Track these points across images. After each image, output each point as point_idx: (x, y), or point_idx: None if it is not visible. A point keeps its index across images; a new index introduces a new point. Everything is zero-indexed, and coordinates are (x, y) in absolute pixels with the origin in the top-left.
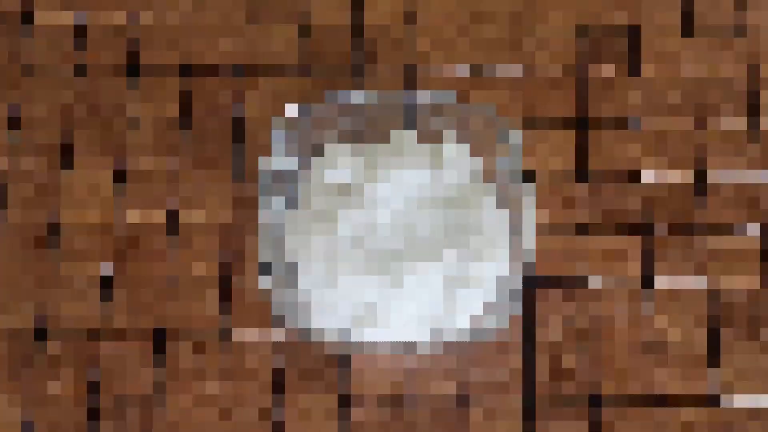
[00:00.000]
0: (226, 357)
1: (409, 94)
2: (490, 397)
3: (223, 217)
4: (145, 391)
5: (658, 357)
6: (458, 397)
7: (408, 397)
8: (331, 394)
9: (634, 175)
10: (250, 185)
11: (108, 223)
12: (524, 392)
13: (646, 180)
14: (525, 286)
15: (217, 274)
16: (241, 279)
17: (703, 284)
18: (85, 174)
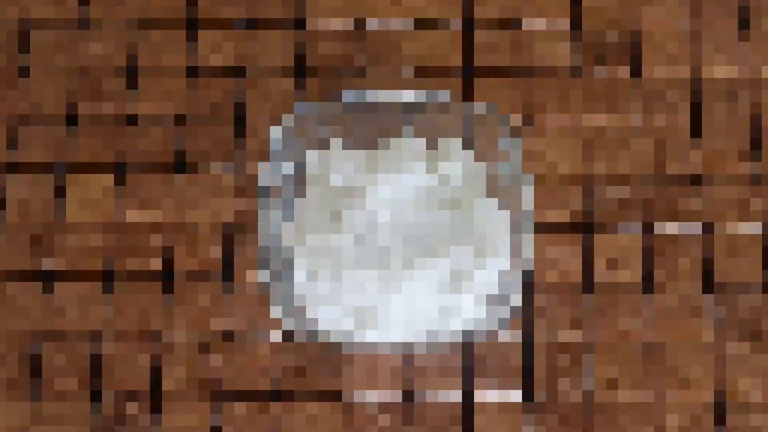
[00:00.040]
0: (226, 357)
1: (409, 94)
2: (491, 396)
3: (224, 217)
4: (144, 387)
5: (658, 357)
6: (458, 397)
7: (408, 397)
8: (331, 394)
9: (634, 175)
10: (251, 185)
11: (108, 222)
12: (524, 391)
13: (647, 179)
14: (524, 286)
15: (217, 274)
16: (241, 279)
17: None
18: (85, 172)
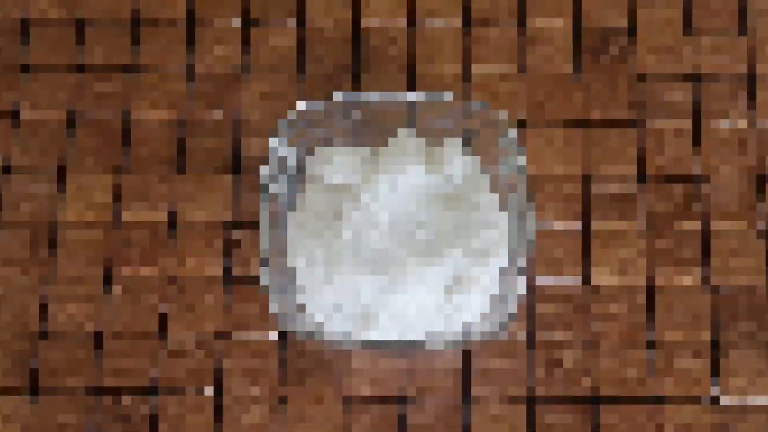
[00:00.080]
0: (225, 357)
1: (409, 94)
2: (491, 396)
3: (224, 217)
4: (144, 387)
5: (657, 356)
6: (458, 397)
7: (408, 397)
8: (331, 394)
9: (634, 175)
10: (251, 185)
11: (107, 222)
12: (524, 391)
13: (647, 179)
14: (525, 286)
15: (217, 275)
16: (241, 279)
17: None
18: (85, 172)
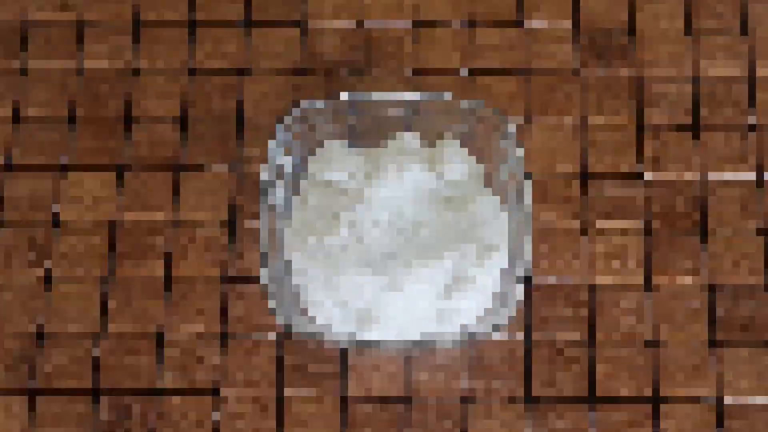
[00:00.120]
0: (226, 357)
1: (409, 94)
2: (491, 396)
3: (223, 217)
4: (143, 387)
5: (656, 356)
6: (458, 397)
7: (408, 397)
8: (331, 394)
9: (634, 175)
10: (251, 185)
11: (107, 221)
12: (524, 391)
13: (647, 179)
14: (524, 286)
15: (217, 275)
16: (240, 279)
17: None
18: (85, 172)
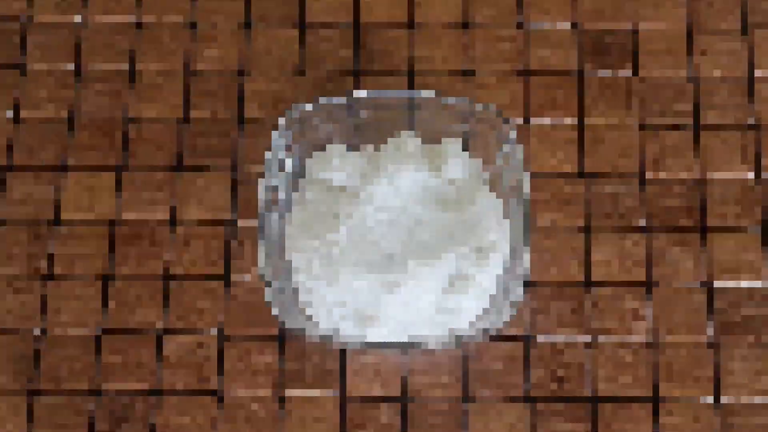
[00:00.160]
0: (225, 356)
1: (410, 94)
2: (491, 397)
3: (223, 217)
4: (143, 387)
5: (656, 356)
6: (458, 397)
7: (408, 397)
8: (331, 394)
9: (634, 175)
10: (251, 185)
11: (107, 220)
12: (524, 391)
13: (647, 179)
14: (524, 286)
15: (217, 274)
16: (241, 279)
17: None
18: (85, 172)
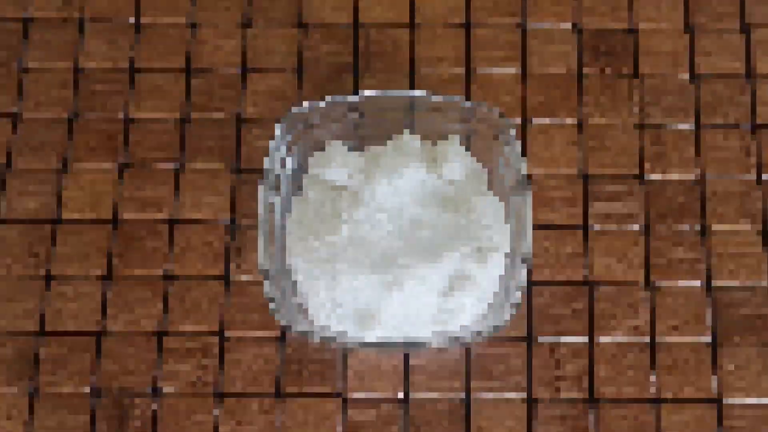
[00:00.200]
0: (226, 356)
1: (409, 94)
2: (491, 397)
3: (223, 217)
4: (144, 387)
5: (656, 356)
6: (458, 397)
7: (408, 397)
8: (331, 394)
9: (634, 175)
10: (251, 185)
11: (108, 220)
12: (524, 391)
13: (647, 179)
14: (525, 285)
15: (217, 274)
16: (241, 278)
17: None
18: (85, 172)
